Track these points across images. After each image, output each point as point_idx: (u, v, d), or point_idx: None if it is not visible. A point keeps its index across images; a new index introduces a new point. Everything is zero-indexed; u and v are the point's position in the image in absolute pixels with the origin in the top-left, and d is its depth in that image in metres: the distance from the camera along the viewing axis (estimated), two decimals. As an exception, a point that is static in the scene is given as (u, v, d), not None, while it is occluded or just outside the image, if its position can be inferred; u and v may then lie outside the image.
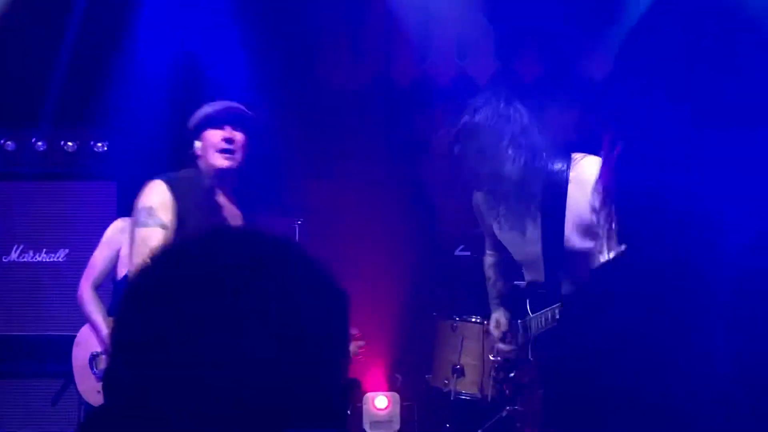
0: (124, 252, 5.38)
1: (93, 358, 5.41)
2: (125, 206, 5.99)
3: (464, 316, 6.43)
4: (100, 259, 5.48)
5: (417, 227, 7.12)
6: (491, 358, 6.18)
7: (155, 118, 6.63)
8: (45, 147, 6.35)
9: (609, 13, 6.86)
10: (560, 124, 7.25)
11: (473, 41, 7.22)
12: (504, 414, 5.97)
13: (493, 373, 5.99)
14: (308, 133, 7.15)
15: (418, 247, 7.07)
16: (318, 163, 7.12)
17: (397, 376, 6.89)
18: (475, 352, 6.31)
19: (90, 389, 5.40)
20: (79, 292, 5.43)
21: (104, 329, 5.29)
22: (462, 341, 6.35)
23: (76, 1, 6.53)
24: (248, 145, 4.38)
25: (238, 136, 4.33)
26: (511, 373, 5.14)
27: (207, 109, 4.40)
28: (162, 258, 1.26)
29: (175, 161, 5.74)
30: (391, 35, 7.29)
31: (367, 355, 5.98)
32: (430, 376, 6.48)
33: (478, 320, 6.38)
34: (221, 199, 4.40)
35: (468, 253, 6.88)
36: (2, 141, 6.31)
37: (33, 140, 6.32)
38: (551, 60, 7.21)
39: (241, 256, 1.22)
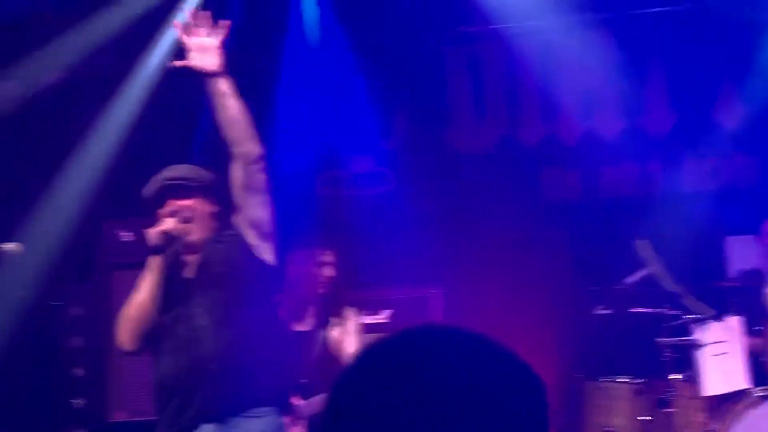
0: None
1: None
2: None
3: (612, 377, 6.33)
4: None
5: (557, 286, 7.06)
6: (640, 418, 6.08)
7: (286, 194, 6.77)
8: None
9: (740, 61, 6.77)
10: (697, 173, 7.16)
11: (599, 99, 7.19)
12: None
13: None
14: (440, 199, 7.19)
15: (560, 307, 7.00)
16: (451, 229, 7.14)
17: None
18: (626, 412, 6.20)
19: None
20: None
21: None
22: (611, 402, 6.24)
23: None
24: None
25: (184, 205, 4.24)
26: None
27: (149, 187, 4.32)
28: (367, 359, 1.27)
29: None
30: (517, 96, 7.32)
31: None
32: (581, 439, 6.38)
33: (627, 380, 6.27)
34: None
35: (609, 312, 6.78)
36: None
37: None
38: (682, 112, 7.13)
39: (444, 354, 1.23)
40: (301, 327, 5.51)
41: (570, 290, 7.05)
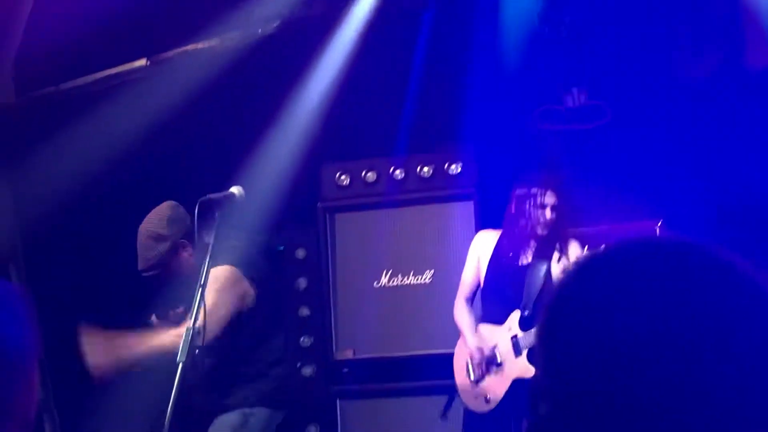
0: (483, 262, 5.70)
1: (466, 365, 5.65)
2: (484, 224, 6.15)
3: None
4: (468, 274, 5.72)
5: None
6: None
7: (503, 134, 6.74)
8: (403, 174, 6.60)
9: None
10: None
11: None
12: None
13: None
14: (653, 130, 6.97)
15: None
16: (664, 159, 6.90)
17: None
18: None
19: (468, 396, 5.65)
20: (454, 309, 5.71)
21: (469, 338, 5.62)
22: None
23: (422, 28, 6.80)
24: None
25: None
26: None
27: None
28: (588, 270, 1.21)
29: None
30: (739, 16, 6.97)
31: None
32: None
33: None
34: None
35: None
36: (364, 173, 6.63)
37: (392, 169, 6.59)
38: None
39: (671, 266, 1.16)
40: (524, 261, 5.57)
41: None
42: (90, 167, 6.41)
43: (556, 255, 5.59)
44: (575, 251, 5.55)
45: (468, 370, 5.65)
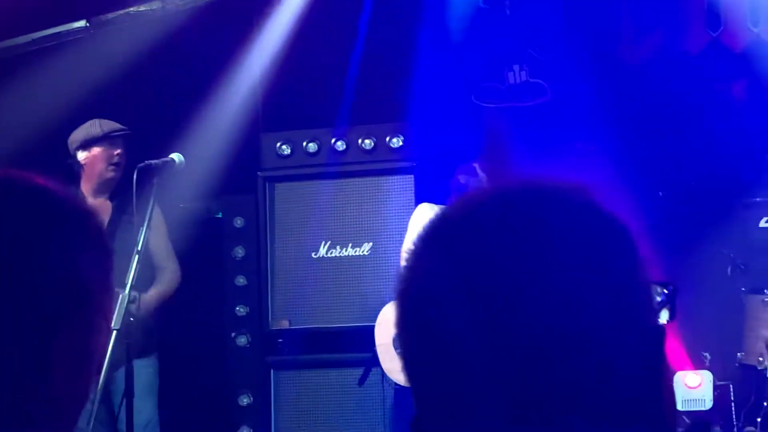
0: None
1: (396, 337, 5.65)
2: (422, 198, 6.17)
3: (776, 290, 6.15)
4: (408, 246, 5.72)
5: (720, 200, 6.85)
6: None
7: (445, 110, 6.77)
8: (344, 146, 6.60)
9: None
10: None
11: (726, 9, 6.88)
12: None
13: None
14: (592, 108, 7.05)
15: (721, 220, 6.80)
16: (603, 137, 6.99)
17: (705, 354, 6.67)
18: (790, 327, 6.03)
19: (394, 368, 5.66)
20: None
21: None
22: (775, 316, 6.08)
23: (366, 1, 6.78)
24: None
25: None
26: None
27: (96, 128, 5.46)
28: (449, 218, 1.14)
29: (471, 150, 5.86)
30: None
31: (668, 332, 5.83)
32: (742, 353, 6.24)
33: (792, 294, 6.09)
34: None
35: (775, 224, 6.57)
36: (305, 143, 6.62)
37: (333, 140, 6.59)
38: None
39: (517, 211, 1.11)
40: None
41: (734, 202, 6.84)
42: (26, 130, 6.30)
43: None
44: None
45: (395, 342, 5.68)
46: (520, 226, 1.09)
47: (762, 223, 6.65)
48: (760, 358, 6.06)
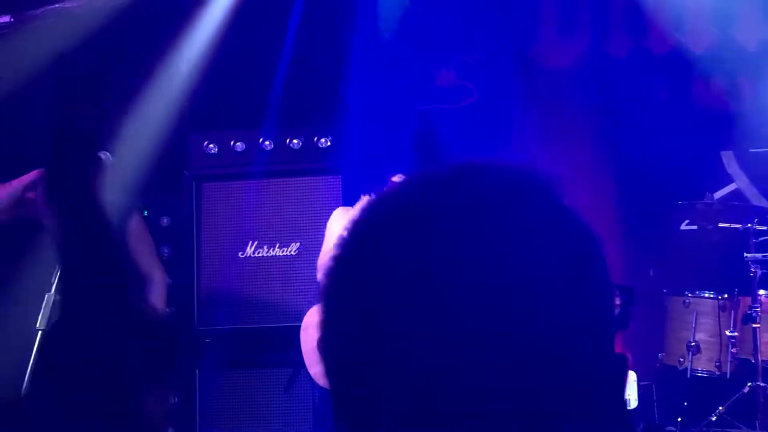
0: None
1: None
2: (350, 199, 6.18)
3: (697, 292, 6.27)
4: (328, 248, 5.72)
5: (642, 202, 6.97)
6: (728, 333, 6.01)
7: (374, 111, 6.78)
8: (272, 146, 6.58)
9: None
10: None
11: (689, 10, 7.00)
12: (746, 390, 5.78)
13: (732, 349, 5.81)
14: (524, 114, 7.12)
15: (643, 222, 6.92)
16: (536, 142, 7.07)
17: (626, 354, 6.76)
18: (710, 328, 6.15)
19: (321, 372, 5.63)
20: (319, 280, 5.70)
21: None
22: (696, 317, 6.20)
23: (294, 3, 6.77)
24: None
25: None
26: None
27: None
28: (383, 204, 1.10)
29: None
30: (609, 7, 7.16)
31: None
32: (664, 354, 6.35)
33: (712, 295, 6.21)
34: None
35: (695, 227, 6.69)
36: (232, 142, 6.59)
37: (261, 140, 6.56)
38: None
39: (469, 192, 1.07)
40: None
41: (656, 205, 6.96)
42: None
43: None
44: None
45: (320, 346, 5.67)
46: (461, 208, 1.05)
47: (683, 226, 6.78)
48: (681, 359, 6.18)
